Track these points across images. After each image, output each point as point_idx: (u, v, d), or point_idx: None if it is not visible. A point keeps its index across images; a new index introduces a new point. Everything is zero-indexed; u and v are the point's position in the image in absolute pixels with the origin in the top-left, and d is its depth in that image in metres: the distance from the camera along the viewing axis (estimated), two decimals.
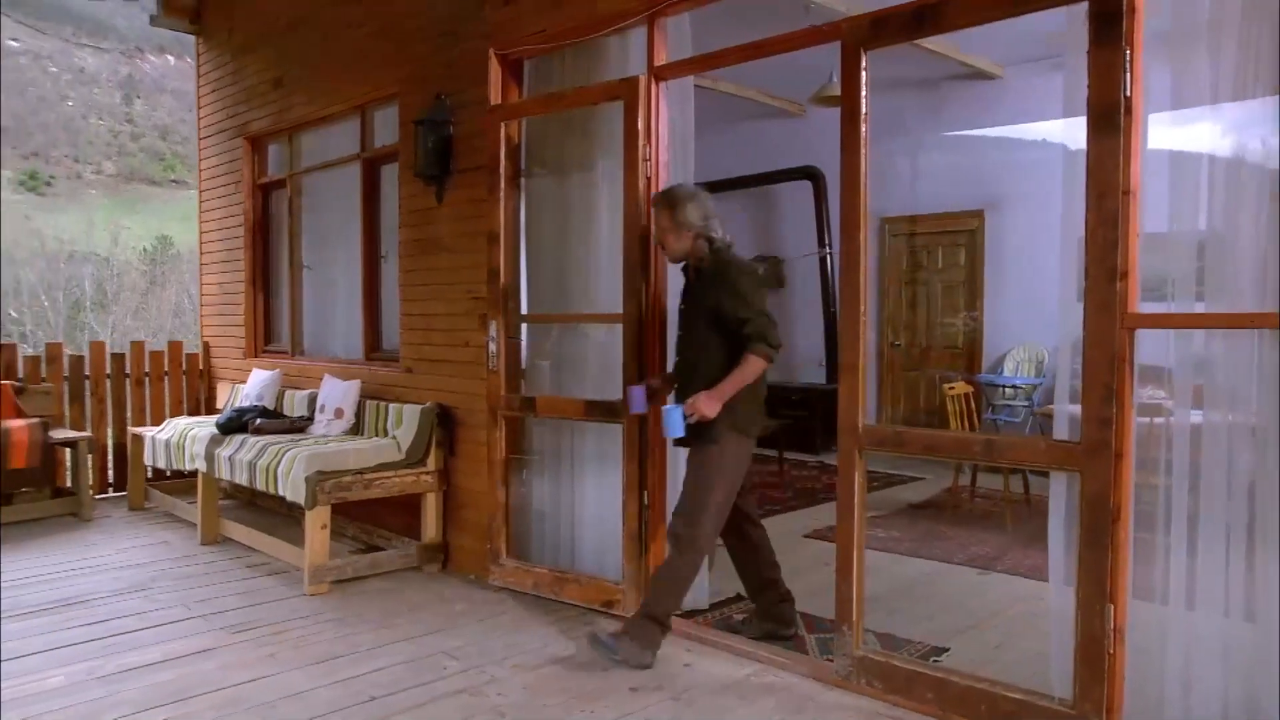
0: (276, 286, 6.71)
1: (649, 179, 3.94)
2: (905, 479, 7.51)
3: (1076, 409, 2.78)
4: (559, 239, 4.54)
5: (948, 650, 3.67)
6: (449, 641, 3.77)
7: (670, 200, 3.61)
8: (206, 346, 7.22)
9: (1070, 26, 2.76)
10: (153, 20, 7.07)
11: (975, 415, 6.49)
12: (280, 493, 4.61)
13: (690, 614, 4.07)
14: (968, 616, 4.13)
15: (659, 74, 3.95)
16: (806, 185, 9.31)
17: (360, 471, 4.65)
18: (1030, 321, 7.94)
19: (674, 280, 4.04)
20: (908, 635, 3.83)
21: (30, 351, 6.54)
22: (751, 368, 3.41)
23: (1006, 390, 7.98)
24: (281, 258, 6.60)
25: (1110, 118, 2.64)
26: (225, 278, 7.04)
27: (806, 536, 5.57)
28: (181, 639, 3.77)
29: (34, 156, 45.66)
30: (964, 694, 2.99)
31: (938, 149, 8.41)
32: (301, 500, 4.44)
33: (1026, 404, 7.84)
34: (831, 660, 3.37)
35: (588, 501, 4.40)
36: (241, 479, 4.93)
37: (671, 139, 4.05)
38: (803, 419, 8.57)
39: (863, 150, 3.24)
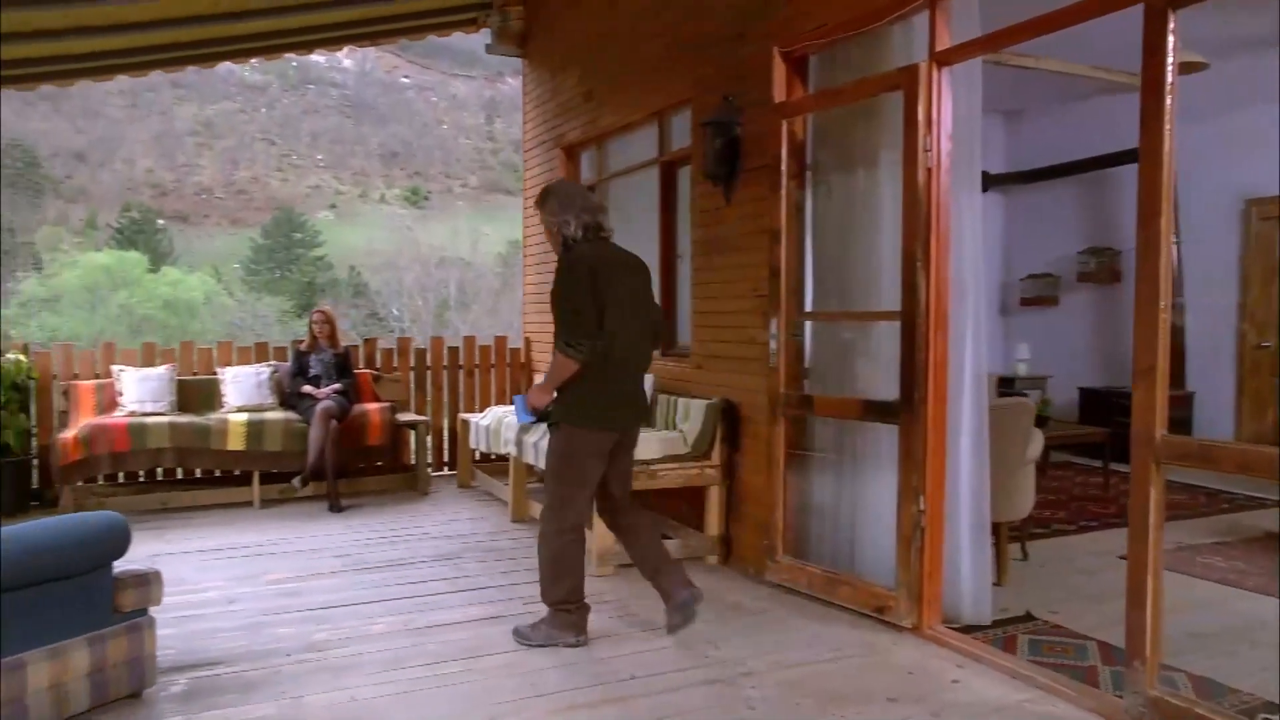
0: None
1: (929, 170, 3.75)
2: (1268, 503, 6.47)
3: None
4: (843, 235, 4.46)
5: None
6: (716, 631, 3.85)
7: (540, 199, 3.82)
8: (527, 341, 7.92)
9: None
10: (488, 49, 7.88)
11: None
12: None
13: (969, 629, 3.84)
14: None
15: (941, 59, 3.74)
16: None
17: (646, 462, 4.87)
18: None
19: (958, 276, 3.83)
20: (1235, 684, 3.31)
21: (386, 345, 7.57)
22: (554, 365, 3.57)
23: None
24: None
25: None
26: (542, 278, 7.67)
27: (1123, 558, 4.98)
28: (479, 605, 4.20)
29: (416, 175, 52.59)
30: None
31: None
32: None
33: None
34: (1122, 697, 3.02)
35: (867, 503, 4.29)
36: (543, 464, 5.36)
37: (956, 127, 3.82)
38: None
39: (1167, 126, 2.85)
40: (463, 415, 7.22)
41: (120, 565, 3.13)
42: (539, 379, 4.07)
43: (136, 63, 6.64)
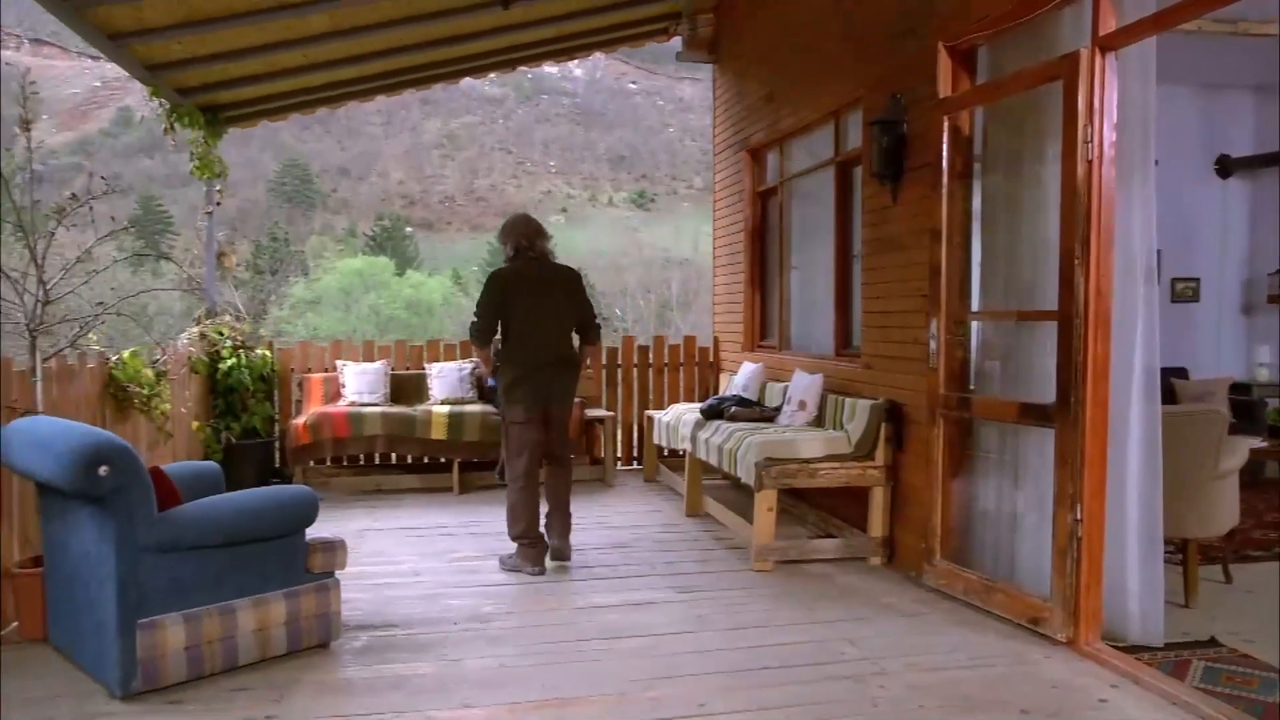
0: (770, 285, 7.27)
1: (1089, 163, 3.57)
2: None
3: None
4: (1010, 232, 4.29)
5: None
6: (859, 631, 3.86)
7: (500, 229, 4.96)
8: (716, 340, 8.09)
9: None
10: (678, 56, 8.11)
11: None
12: (738, 474, 5.08)
13: (1135, 648, 3.61)
14: None
15: (1105, 44, 3.55)
16: None
17: (807, 461, 4.91)
18: None
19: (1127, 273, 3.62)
20: None
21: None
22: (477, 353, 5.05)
23: None
24: (773, 259, 7.14)
25: None
26: (731, 278, 7.81)
27: None
28: (637, 591, 4.41)
29: (643, 179, 54.14)
30: None
31: None
32: (752, 483, 4.84)
33: None
34: None
35: (1028, 509, 4.12)
36: (713, 460, 5.52)
37: (1126, 114, 3.61)
38: None
39: None
40: (649, 412, 7.50)
41: (312, 533, 3.61)
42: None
43: (360, 90, 7.43)
